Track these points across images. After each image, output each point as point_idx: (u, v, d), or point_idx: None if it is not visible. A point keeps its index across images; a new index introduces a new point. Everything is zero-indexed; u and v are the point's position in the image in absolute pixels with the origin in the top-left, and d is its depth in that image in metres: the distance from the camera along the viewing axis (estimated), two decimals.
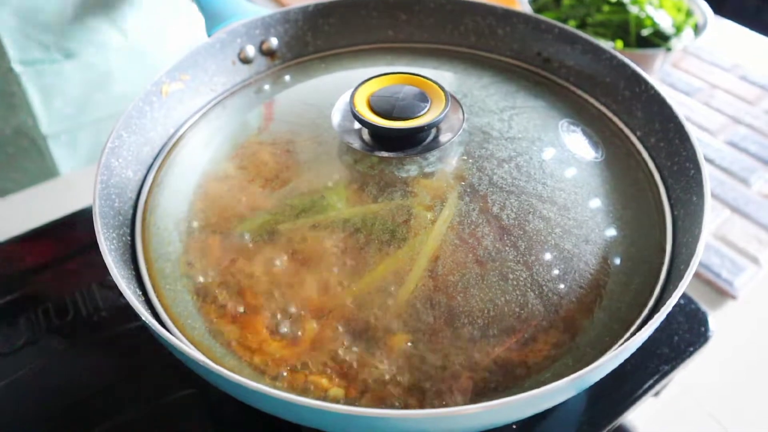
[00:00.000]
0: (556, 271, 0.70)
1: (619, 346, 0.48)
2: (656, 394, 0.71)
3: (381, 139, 0.68)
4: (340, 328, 0.65)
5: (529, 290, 0.68)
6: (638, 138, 0.73)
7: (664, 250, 0.63)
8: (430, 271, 0.68)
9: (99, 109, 1.18)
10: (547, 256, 0.71)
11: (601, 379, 0.51)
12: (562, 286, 0.69)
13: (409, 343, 0.64)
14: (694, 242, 0.55)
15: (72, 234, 0.87)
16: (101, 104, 1.18)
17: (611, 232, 0.73)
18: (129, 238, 0.64)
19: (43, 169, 1.20)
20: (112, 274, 0.52)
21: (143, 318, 0.49)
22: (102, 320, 0.76)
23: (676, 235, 0.62)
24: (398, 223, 0.74)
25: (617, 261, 0.70)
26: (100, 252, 0.54)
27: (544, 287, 0.68)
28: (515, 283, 0.69)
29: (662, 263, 0.62)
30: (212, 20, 0.84)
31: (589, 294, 0.68)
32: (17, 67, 1.05)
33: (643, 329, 0.48)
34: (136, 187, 0.69)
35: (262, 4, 1.17)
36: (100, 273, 0.55)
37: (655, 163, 0.71)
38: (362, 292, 0.68)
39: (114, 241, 0.59)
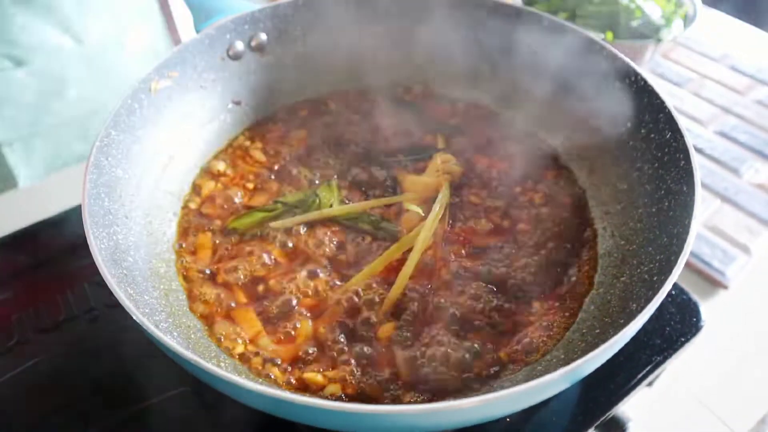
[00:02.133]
0: (542, 265, 0.70)
1: (610, 337, 0.48)
2: (649, 384, 0.71)
3: None
4: (335, 325, 0.65)
5: (517, 282, 0.68)
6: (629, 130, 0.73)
7: (654, 241, 0.63)
8: (422, 263, 0.68)
9: (55, 116, 1.15)
10: (534, 249, 0.71)
11: (595, 371, 0.51)
12: (550, 278, 0.69)
13: (403, 337, 0.63)
14: (685, 233, 0.55)
15: (63, 233, 0.86)
16: (57, 111, 1.14)
17: (599, 224, 0.73)
18: (120, 236, 0.63)
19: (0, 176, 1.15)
20: (102, 273, 0.52)
21: (135, 317, 0.48)
22: (94, 319, 0.76)
23: (666, 225, 0.62)
24: (389, 219, 0.74)
25: (606, 253, 0.70)
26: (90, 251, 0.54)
27: (531, 280, 0.69)
28: (504, 274, 0.69)
29: (653, 254, 0.62)
30: (200, 16, 0.83)
31: (578, 286, 0.68)
32: None
33: (633, 321, 0.48)
34: (126, 185, 0.68)
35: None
36: (91, 272, 0.54)
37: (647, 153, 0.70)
38: (356, 287, 0.68)
39: (104, 240, 0.58)
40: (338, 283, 0.68)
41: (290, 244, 0.72)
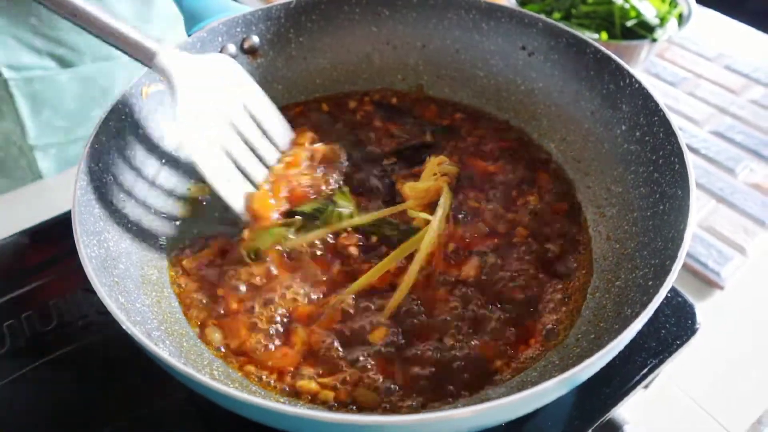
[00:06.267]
0: (537, 268, 0.70)
1: (606, 343, 0.47)
2: (645, 386, 0.71)
3: None
4: (331, 332, 0.64)
5: (512, 286, 0.68)
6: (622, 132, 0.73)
7: (648, 245, 0.63)
8: (423, 268, 0.67)
9: (93, 125, 1.11)
10: (529, 253, 0.71)
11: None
12: (545, 281, 0.69)
13: (399, 343, 0.63)
14: (680, 238, 0.55)
15: (54, 239, 0.85)
16: (96, 120, 1.11)
17: (593, 227, 0.73)
18: (111, 243, 0.63)
19: (28, 180, 1.10)
20: (92, 283, 0.51)
21: (125, 327, 0.48)
22: (87, 326, 0.75)
23: (661, 229, 0.62)
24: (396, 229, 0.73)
25: (601, 256, 0.70)
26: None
27: (526, 284, 0.68)
28: (498, 278, 0.68)
29: (648, 258, 0.62)
30: (192, 19, 0.82)
31: (573, 290, 0.68)
32: (5, 72, 0.97)
33: (629, 327, 0.48)
34: (118, 191, 0.68)
35: (245, 2, 1.15)
36: (83, 278, 0.53)
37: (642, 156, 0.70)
38: (355, 292, 0.67)
39: (95, 248, 0.58)
40: (337, 290, 0.67)
41: (287, 251, 0.71)
